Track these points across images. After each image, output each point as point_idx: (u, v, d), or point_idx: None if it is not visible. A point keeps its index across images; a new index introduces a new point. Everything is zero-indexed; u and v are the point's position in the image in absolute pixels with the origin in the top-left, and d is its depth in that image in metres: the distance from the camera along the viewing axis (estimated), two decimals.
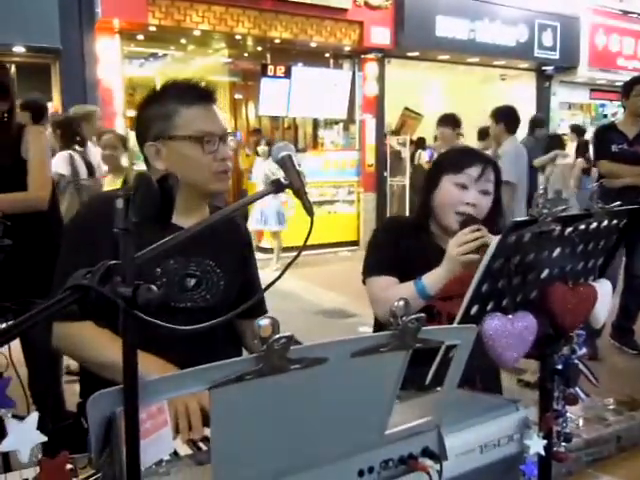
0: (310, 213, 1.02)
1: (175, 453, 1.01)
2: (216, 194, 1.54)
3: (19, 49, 6.65)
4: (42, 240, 2.43)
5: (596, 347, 4.02)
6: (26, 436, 0.58)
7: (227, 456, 0.74)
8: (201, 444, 1.08)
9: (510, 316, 0.99)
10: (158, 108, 1.48)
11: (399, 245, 1.70)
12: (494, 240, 0.95)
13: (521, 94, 11.21)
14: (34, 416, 0.60)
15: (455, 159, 1.73)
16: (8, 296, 1.79)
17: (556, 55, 10.37)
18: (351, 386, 0.81)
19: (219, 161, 1.46)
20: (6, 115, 2.35)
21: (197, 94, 1.50)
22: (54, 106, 7.13)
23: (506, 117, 4.78)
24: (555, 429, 1.14)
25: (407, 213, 8.70)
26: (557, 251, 1.05)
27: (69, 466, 0.65)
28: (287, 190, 1.03)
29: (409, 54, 9.31)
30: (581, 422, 1.40)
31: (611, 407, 1.50)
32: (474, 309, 0.98)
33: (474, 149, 1.88)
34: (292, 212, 7.88)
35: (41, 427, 0.64)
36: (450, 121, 5.28)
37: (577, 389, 1.17)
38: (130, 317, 0.62)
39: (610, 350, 4.23)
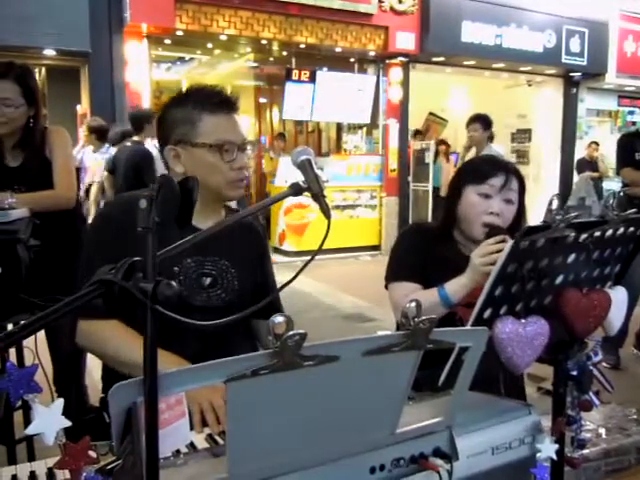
0: (327, 216, 1.04)
1: (193, 446, 1.04)
2: (230, 200, 1.58)
3: (50, 52, 6.81)
4: (68, 238, 2.49)
5: (619, 357, 3.98)
6: (51, 420, 0.62)
7: (242, 448, 0.77)
8: (218, 438, 1.11)
9: (522, 320, 1.00)
10: (181, 113, 1.50)
11: (423, 252, 1.70)
12: (507, 244, 0.96)
13: (548, 100, 11.11)
14: (59, 402, 0.63)
15: (478, 169, 1.72)
16: (36, 293, 1.84)
17: (584, 61, 10.24)
18: (363, 384, 0.83)
19: (236, 170, 1.50)
20: (32, 120, 2.41)
21: (221, 101, 1.51)
22: (83, 108, 7.29)
23: (490, 126, 4.87)
24: (569, 435, 1.15)
25: (429, 218, 8.67)
26: (571, 257, 1.05)
27: (92, 453, 0.68)
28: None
29: (434, 59, 9.28)
30: (603, 431, 1.40)
31: (632, 417, 1.49)
32: (487, 312, 1.00)
33: (497, 158, 1.85)
34: (313, 216, 7.93)
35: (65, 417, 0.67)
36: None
37: (591, 395, 1.18)
38: (151, 311, 0.65)
39: (633, 360, 4.16)
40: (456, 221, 1.72)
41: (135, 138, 4.88)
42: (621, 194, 4.26)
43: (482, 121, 4.84)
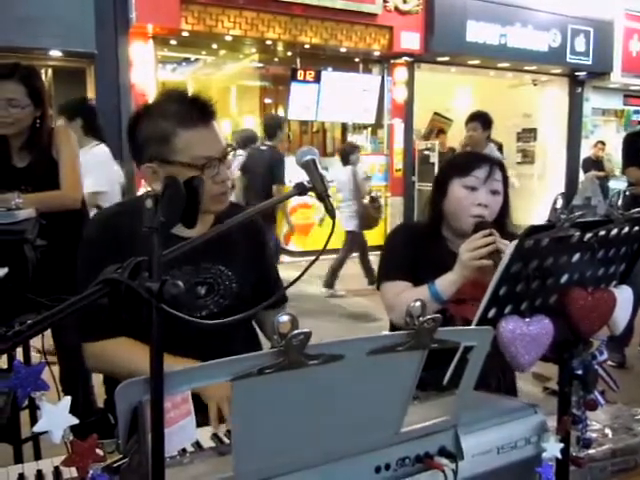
0: (332, 216, 1.04)
1: (198, 445, 1.05)
2: (213, 214, 1.50)
3: (56, 53, 6.83)
4: (75, 238, 2.50)
5: (624, 356, 3.97)
6: (58, 418, 0.62)
7: (247, 447, 0.77)
8: (223, 437, 1.12)
9: (526, 319, 1.00)
10: (154, 127, 1.38)
11: (412, 250, 1.71)
12: (512, 244, 0.96)
13: (553, 99, 11.08)
14: (67, 400, 0.64)
15: (461, 162, 1.75)
16: (42, 293, 1.85)
17: (589, 60, 10.21)
18: (367, 383, 0.83)
19: (219, 184, 1.42)
20: (38, 121, 2.42)
21: (196, 113, 1.39)
22: None
23: (490, 125, 4.73)
24: (575, 434, 1.15)
25: None
26: (576, 256, 1.05)
27: (99, 451, 0.69)
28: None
29: (439, 59, 9.27)
30: (609, 431, 1.39)
31: (638, 417, 1.48)
32: (492, 312, 1.00)
33: (479, 152, 1.90)
34: (318, 217, 7.92)
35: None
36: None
37: (597, 394, 1.18)
38: (157, 310, 0.65)
39: (638, 359, 4.15)
40: (444, 218, 1.73)
41: (269, 143, 5.34)
42: (626, 193, 4.24)
43: (481, 120, 4.69)
